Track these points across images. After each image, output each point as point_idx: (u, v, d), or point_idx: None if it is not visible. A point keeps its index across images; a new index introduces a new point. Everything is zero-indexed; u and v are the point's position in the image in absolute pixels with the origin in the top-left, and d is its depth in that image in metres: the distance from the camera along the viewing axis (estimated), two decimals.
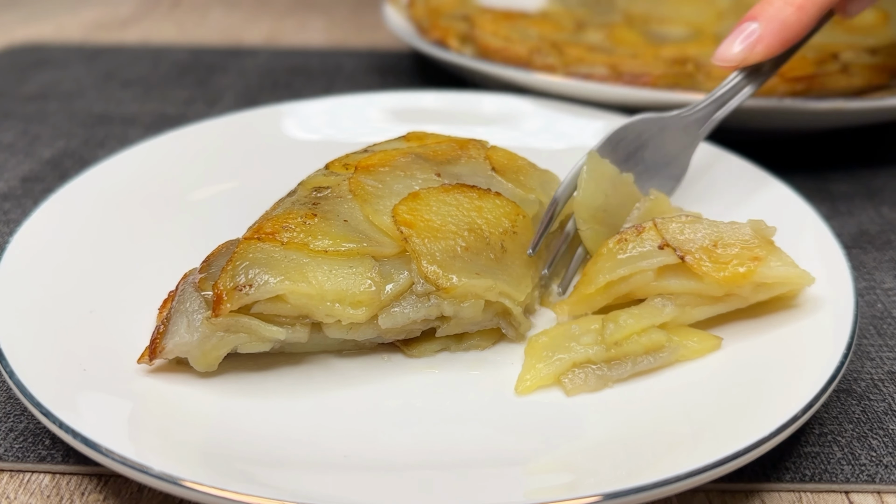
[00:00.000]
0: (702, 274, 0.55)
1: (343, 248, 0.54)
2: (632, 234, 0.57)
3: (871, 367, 0.60)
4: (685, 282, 0.56)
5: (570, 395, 0.53)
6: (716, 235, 0.56)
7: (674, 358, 0.54)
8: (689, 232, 0.56)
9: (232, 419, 0.51)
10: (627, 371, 0.54)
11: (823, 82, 0.87)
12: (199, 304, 0.53)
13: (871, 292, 0.68)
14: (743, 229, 0.57)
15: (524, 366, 0.54)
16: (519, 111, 0.90)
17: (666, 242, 0.56)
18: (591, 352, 0.54)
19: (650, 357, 0.54)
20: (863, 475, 0.50)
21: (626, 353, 0.54)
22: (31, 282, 0.58)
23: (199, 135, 0.83)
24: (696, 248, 0.56)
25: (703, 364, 0.54)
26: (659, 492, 0.42)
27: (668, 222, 0.57)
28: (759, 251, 0.55)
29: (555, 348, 0.55)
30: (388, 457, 0.48)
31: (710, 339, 0.55)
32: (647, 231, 0.57)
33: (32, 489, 0.50)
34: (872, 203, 0.84)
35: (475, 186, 0.61)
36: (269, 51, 1.35)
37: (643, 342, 0.54)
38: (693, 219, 0.58)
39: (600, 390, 0.53)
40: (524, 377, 0.54)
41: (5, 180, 0.87)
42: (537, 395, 0.53)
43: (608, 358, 0.54)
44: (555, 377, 0.53)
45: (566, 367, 0.54)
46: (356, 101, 0.91)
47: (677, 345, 0.55)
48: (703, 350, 0.55)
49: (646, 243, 0.57)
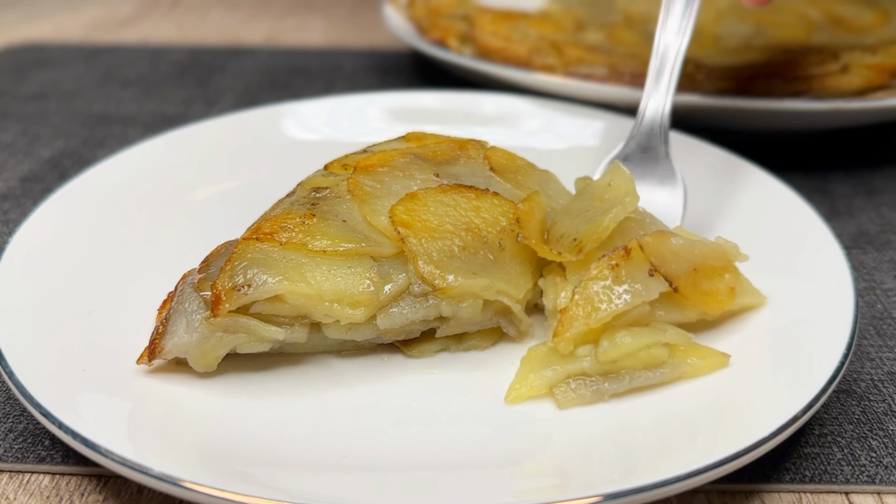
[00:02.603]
0: (689, 306, 0.55)
1: (342, 249, 0.54)
2: (621, 259, 0.54)
3: (870, 367, 0.60)
4: (670, 311, 0.55)
5: (563, 407, 0.51)
6: (694, 258, 0.55)
7: (676, 374, 0.53)
8: (670, 255, 0.55)
9: (231, 419, 0.51)
10: (625, 386, 0.52)
11: (823, 82, 0.87)
12: (198, 305, 0.53)
13: (870, 293, 0.68)
14: (715, 250, 0.56)
15: (517, 374, 0.53)
16: (518, 111, 0.90)
17: (655, 268, 0.54)
18: (587, 364, 0.52)
19: (650, 372, 0.52)
20: (863, 476, 0.50)
21: (623, 368, 0.52)
22: (31, 282, 0.58)
23: (199, 135, 0.83)
24: (682, 273, 0.54)
25: None
26: (659, 492, 0.42)
27: (653, 244, 0.55)
28: (731, 279, 0.56)
29: (551, 359, 0.53)
30: (387, 457, 0.48)
31: (717, 357, 0.53)
32: (634, 253, 0.54)
33: (32, 490, 0.50)
34: (872, 203, 0.84)
35: (473, 187, 0.61)
36: (269, 51, 1.35)
37: (642, 357, 0.52)
38: (667, 235, 0.56)
39: (595, 404, 0.52)
40: (515, 386, 0.53)
41: (4, 180, 0.87)
42: None
43: (604, 371, 0.52)
44: (547, 388, 0.52)
45: (560, 379, 0.52)
46: (355, 102, 0.91)
47: (680, 361, 0.53)
48: (708, 367, 0.53)
49: (635, 272, 0.54)
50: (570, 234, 0.57)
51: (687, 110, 0.85)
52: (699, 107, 0.84)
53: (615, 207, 0.56)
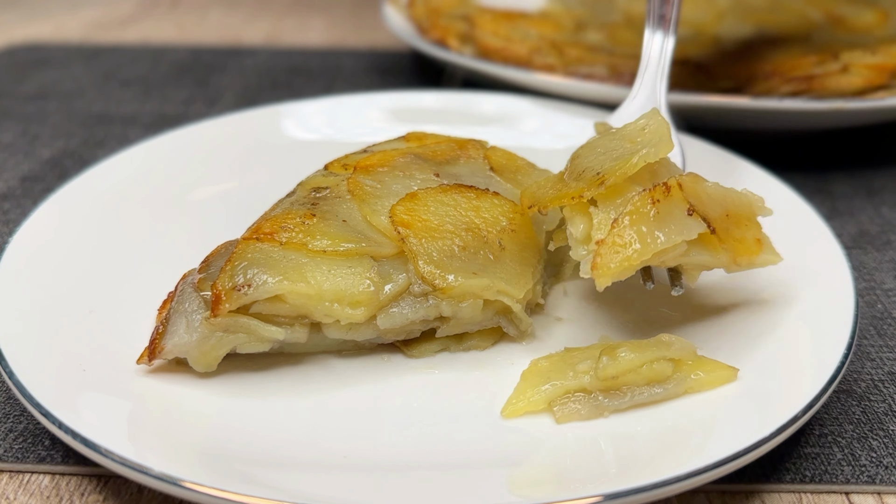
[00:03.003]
0: (722, 250, 0.53)
1: (342, 249, 0.54)
2: (661, 193, 0.51)
3: (871, 367, 0.60)
4: (702, 254, 0.53)
5: (560, 422, 0.50)
6: (726, 203, 0.54)
7: (681, 390, 0.51)
8: (706, 197, 0.53)
9: (231, 419, 0.50)
10: (626, 403, 0.50)
11: (823, 82, 0.87)
12: (199, 305, 0.53)
13: (871, 293, 0.68)
14: (742, 200, 0.55)
15: (516, 388, 0.53)
16: (518, 111, 0.90)
17: (693, 208, 0.51)
18: (586, 380, 0.51)
19: (653, 389, 0.51)
20: (863, 476, 0.50)
21: (624, 384, 0.51)
22: (31, 282, 0.58)
23: (199, 135, 0.83)
24: (717, 217, 0.52)
25: None
26: (659, 492, 0.42)
27: (691, 184, 0.53)
28: (758, 232, 0.55)
29: (551, 374, 0.52)
30: (388, 457, 0.48)
31: (724, 370, 0.52)
32: (674, 192, 0.52)
33: (32, 490, 0.50)
34: (872, 203, 0.84)
35: (473, 186, 0.61)
36: (269, 50, 1.35)
37: (645, 373, 0.51)
38: (701, 178, 0.54)
39: (594, 419, 0.51)
40: (513, 401, 0.52)
41: (5, 180, 0.87)
42: None
43: (605, 388, 0.51)
44: (545, 404, 0.51)
45: (558, 394, 0.51)
46: (355, 101, 0.91)
47: (685, 376, 0.51)
48: (714, 382, 0.51)
49: (675, 211, 0.51)
50: (594, 168, 0.55)
51: (687, 110, 0.85)
52: (699, 106, 0.84)
53: (646, 149, 0.54)
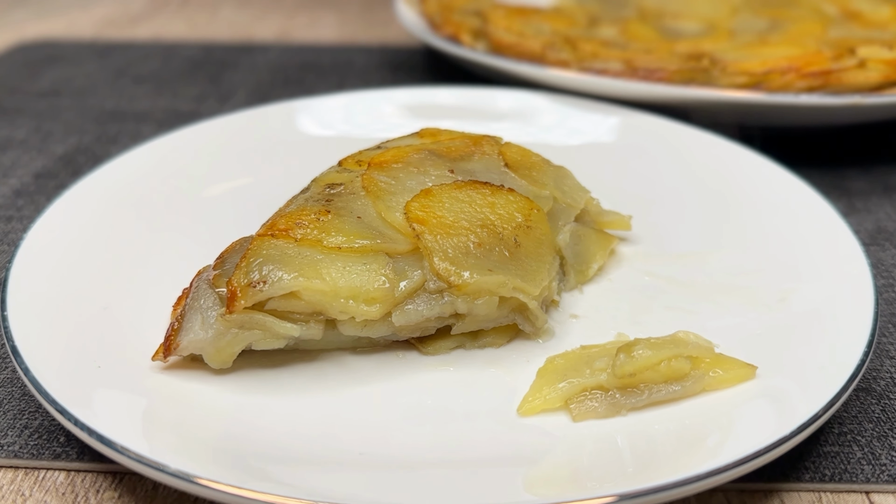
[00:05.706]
0: None
1: (357, 245, 0.54)
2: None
3: (890, 365, 0.59)
4: None
5: (577, 420, 0.50)
6: None
7: (699, 388, 0.51)
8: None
9: (247, 416, 0.50)
10: (643, 401, 0.50)
11: (840, 78, 0.86)
12: (214, 301, 0.52)
13: (890, 290, 0.68)
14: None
15: (532, 386, 0.52)
16: (533, 107, 0.90)
17: None
18: (603, 377, 0.51)
19: (671, 386, 0.50)
20: (883, 475, 0.50)
21: (642, 381, 0.51)
22: (45, 279, 0.58)
23: (212, 131, 0.83)
24: None
25: None
26: (677, 492, 0.42)
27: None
28: None
29: (568, 372, 0.52)
30: (403, 454, 0.48)
31: (742, 368, 0.51)
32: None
33: (48, 486, 0.50)
34: (890, 200, 0.83)
35: (488, 183, 0.60)
36: (281, 47, 1.35)
37: (663, 371, 0.50)
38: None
39: (611, 417, 0.50)
40: (529, 399, 0.51)
41: (18, 177, 0.88)
42: None
43: (622, 385, 0.51)
44: (562, 401, 0.51)
45: (575, 392, 0.51)
46: (370, 98, 0.91)
47: (703, 374, 0.51)
48: (733, 379, 0.51)
49: None
50: None
51: (703, 106, 0.84)
52: (715, 102, 0.84)
53: None
